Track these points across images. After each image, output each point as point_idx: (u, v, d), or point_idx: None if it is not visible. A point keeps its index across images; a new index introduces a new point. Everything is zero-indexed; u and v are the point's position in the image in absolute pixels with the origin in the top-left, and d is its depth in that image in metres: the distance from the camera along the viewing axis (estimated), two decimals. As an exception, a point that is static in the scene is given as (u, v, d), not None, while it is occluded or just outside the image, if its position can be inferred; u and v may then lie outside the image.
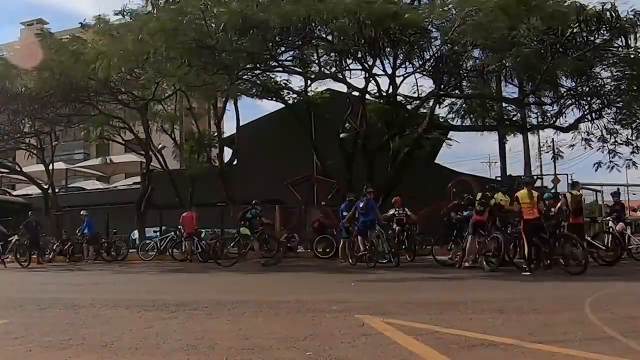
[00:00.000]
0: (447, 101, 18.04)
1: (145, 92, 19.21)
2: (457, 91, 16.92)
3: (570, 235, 10.39)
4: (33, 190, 27.19)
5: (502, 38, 12.86)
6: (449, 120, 18.77)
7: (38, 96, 17.54)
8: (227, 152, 25.48)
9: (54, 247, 17.41)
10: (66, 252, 17.33)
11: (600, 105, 16.31)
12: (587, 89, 16.09)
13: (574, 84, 16.14)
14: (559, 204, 11.39)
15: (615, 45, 14.07)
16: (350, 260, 12.60)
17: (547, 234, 9.96)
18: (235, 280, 10.27)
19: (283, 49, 15.41)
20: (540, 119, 18.34)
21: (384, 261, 12.25)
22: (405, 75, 16.90)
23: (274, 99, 20.23)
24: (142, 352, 3.79)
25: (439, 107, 18.03)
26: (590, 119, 16.66)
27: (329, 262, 13.66)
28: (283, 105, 21.13)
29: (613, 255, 11.46)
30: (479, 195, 11.38)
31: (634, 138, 16.47)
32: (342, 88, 18.15)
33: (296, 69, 16.74)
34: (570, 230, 10.96)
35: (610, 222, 12.63)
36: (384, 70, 16.41)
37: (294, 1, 12.64)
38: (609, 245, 11.69)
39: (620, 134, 16.67)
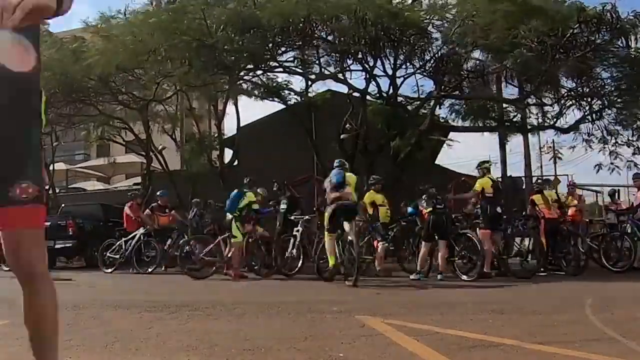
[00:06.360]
0: (448, 102, 18.06)
1: (146, 93, 19.20)
2: (457, 92, 16.92)
3: (575, 234, 10.48)
4: (33, 190, 27.15)
5: (502, 39, 12.87)
6: (449, 121, 18.79)
7: (38, 96, 17.52)
8: (228, 153, 25.50)
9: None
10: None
11: (600, 106, 16.31)
12: (588, 89, 16.09)
13: (574, 84, 16.16)
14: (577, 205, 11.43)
15: (616, 46, 14.09)
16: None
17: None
18: (235, 281, 10.26)
19: (283, 49, 15.42)
20: (540, 120, 18.35)
21: None
22: (405, 76, 16.89)
23: (275, 99, 20.24)
24: (143, 353, 3.79)
25: (439, 108, 18.05)
26: (590, 119, 16.66)
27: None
28: (284, 106, 21.12)
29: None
30: None
31: (634, 139, 16.48)
32: (343, 89, 18.16)
33: (297, 69, 16.74)
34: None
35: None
36: (385, 71, 16.41)
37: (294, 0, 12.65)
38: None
39: (621, 134, 16.69)
